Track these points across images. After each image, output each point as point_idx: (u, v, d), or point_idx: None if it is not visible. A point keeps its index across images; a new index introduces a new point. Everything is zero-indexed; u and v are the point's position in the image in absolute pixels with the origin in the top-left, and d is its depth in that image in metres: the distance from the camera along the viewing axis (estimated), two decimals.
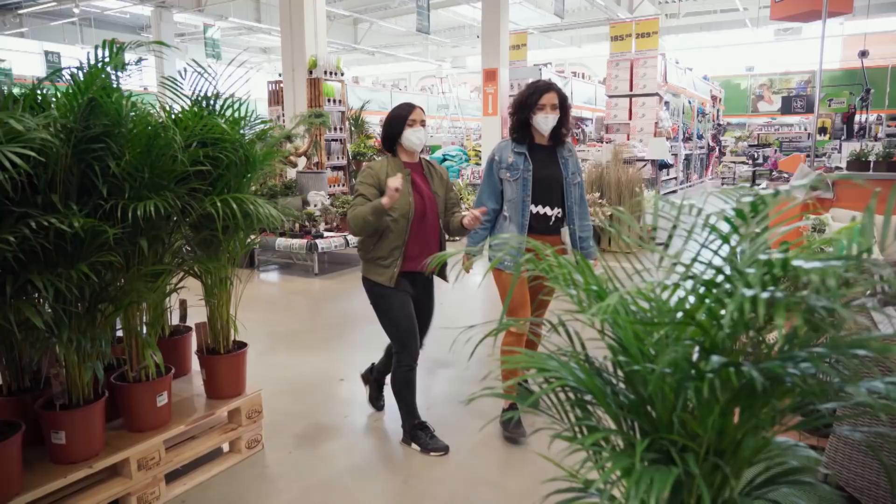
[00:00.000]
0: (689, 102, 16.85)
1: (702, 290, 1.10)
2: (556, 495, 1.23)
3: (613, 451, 1.13)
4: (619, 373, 1.22)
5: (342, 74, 8.51)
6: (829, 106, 12.63)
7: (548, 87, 2.91)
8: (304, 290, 6.18)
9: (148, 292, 2.21)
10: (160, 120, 2.21)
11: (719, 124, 20.05)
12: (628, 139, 13.23)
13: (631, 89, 13.38)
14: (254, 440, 2.82)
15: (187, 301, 3.06)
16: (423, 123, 2.79)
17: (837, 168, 6.03)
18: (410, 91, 19.93)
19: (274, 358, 4.30)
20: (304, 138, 7.41)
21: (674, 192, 15.36)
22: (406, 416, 2.89)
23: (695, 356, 1.11)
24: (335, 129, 8.35)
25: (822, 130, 13.17)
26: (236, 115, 2.46)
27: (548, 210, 2.95)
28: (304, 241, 6.36)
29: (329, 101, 8.28)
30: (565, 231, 3.05)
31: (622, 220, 1.27)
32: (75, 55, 18.36)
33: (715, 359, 1.00)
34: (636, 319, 1.12)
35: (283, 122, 8.26)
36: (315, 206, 6.93)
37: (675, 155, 15.42)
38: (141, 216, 1.92)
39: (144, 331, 2.45)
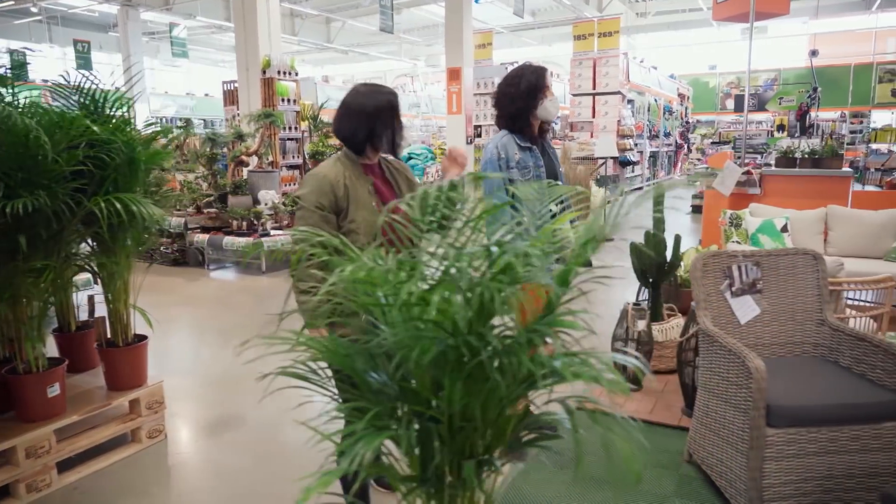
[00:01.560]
0: (656, 100, 17.10)
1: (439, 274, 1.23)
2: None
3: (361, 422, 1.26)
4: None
5: (296, 74, 8.58)
6: (780, 104, 12.89)
7: (544, 68, 2.63)
8: (250, 288, 6.27)
9: (30, 287, 2.31)
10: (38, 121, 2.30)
11: (687, 122, 20.36)
12: (591, 137, 13.44)
13: (594, 88, 13.57)
14: (155, 430, 2.93)
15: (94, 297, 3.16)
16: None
17: (766, 165, 6.22)
18: None
19: (204, 352, 4.40)
20: (254, 138, 7.48)
21: (639, 188, 15.61)
22: None
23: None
24: (289, 128, 8.42)
25: (781, 127, 13.41)
26: (124, 117, 2.56)
27: (553, 206, 2.71)
28: (251, 240, 6.44)
29: (283, 100, 8.35)
30: None
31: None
32: (43, 54, 18.17)
33: (436, 338, 1.13)
34: (377, 302, 1.25)
35: (238, 121, 8.32)
36: (265, 204, 7.02)
37: (641, 152, 15.68)
38: (9, 213, 2.02)
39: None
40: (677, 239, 3.45)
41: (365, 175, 2.07)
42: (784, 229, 4.81)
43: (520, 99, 2.56)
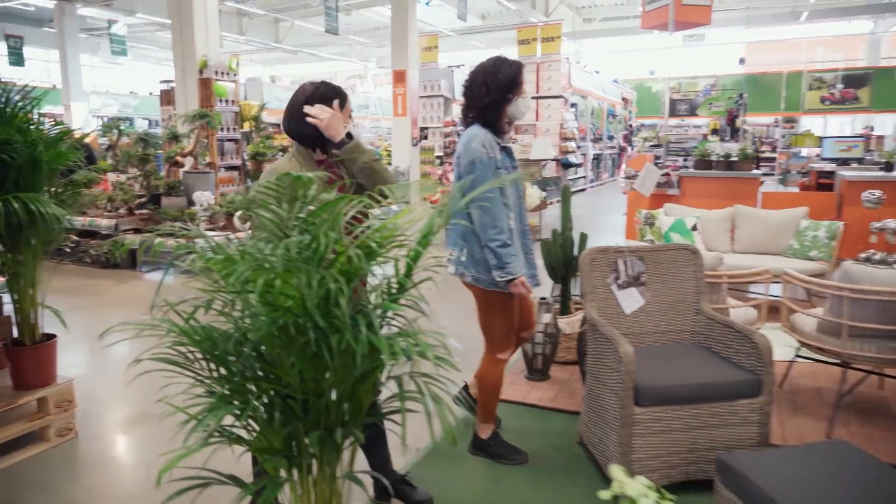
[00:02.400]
0: (599, 104, 17.60)
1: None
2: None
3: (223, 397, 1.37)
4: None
5: (235, 74, 8.54)
6: (710, 109, 13.51)
7: (523, 65, 2.56)
8: (181, 290, 6.22)
9: None
10: None
11: (631, 125, 21.01)
12: (535, 139, 13.75)
13: (538, 91, 13.89)
14: (65, 428, 2.94)
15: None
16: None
17: (684, 167, 6.56)
18: None
19: (124, 351, 4.39)
20: (190, 138, 7.43)
21: (582, 190, 16.06)
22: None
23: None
24: (228, 129, 8.38)
25: (716, 131, 14.04)
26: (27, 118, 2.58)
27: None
28: (182, 241, 6.40)
29: (222, 101, 8.30)
30: None
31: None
32: None
33: (264, 319, 1.25)
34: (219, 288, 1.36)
35: (174, 122, 8.23)
36: (200, 206, 6.98)
37: (584, 155, 16.13)
38: None
39: None
40: (583, 237, 3.66)
41: (319, 169, 2.09)
42: (694, 228, 5.10)
43: (496, 91, 2.44)
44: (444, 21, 18.86)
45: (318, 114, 2.03)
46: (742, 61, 10.50)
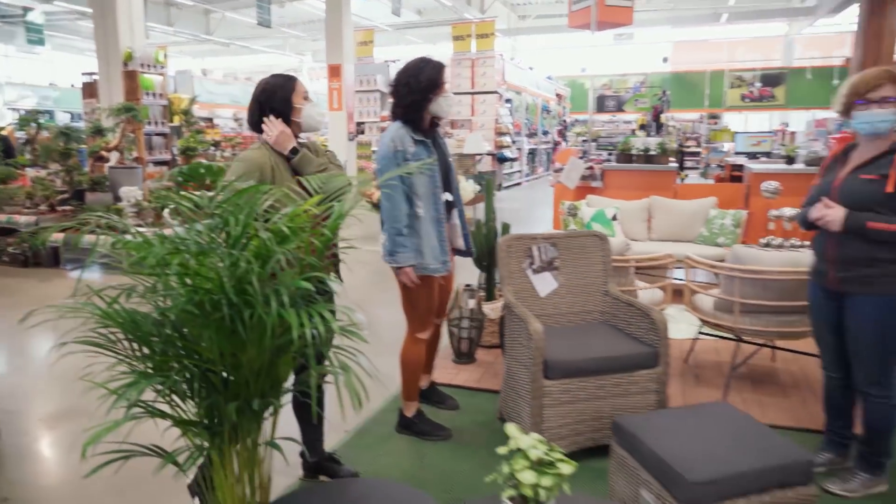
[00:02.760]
0: (533, 100, 18.04)
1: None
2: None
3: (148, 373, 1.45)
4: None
5: (163, 67, 8.34)
6: (636, 105, 14.13)
7: (443, 65, 2.74)
8: (104, 284, 6.08)
9: None
10: None
11: (565, 121, 21.60)
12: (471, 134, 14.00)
13: (473, 87, 14.13)
14: None
15: None
16: (308, 98, 2.35)
17: (607, 161, 6.90)
18: None
19: (42, 348, 4.30)
20: (115, 132, 7.22)
21: (518, 184, 16.45)
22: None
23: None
24: (156, 123, 8.18)
25: (643, 127, 14.66)
26: None
27: (448, 196, 2.81)
28: (109, 238, 6.25)
29: (149, 94, 8.09)
30: None
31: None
32: None
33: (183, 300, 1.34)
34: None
35: (98, 115, 7.97)
36: (128, 202, 6.81)
37: (519, 149, 16.51)
38: None
39: None
40: (505, 227, 3.85)
41: (285, 159, 2.27)
42: (614, 218, 5.41)
43: (417, 91, 2.62)
44: (380, 15, 18.84)
45: (267, 130, 2.24)
46: (665, 60, 11.09)
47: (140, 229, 1.58)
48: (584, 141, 16.04)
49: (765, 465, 1.78)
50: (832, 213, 2.31)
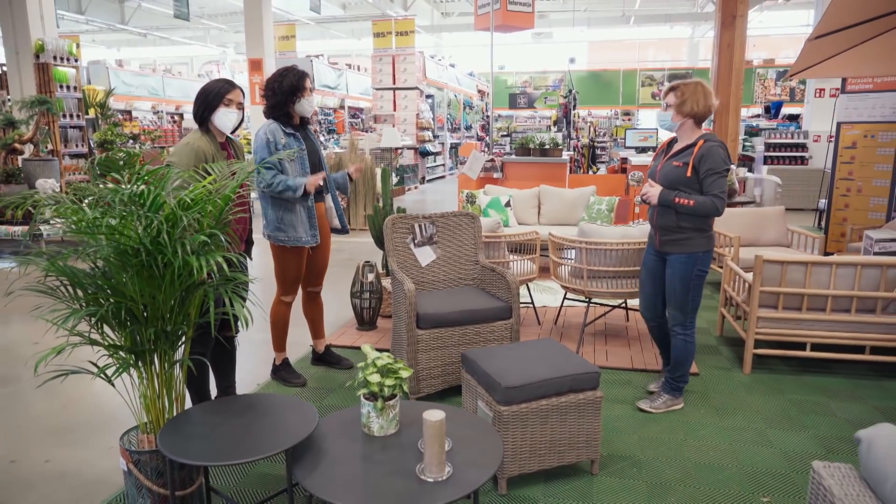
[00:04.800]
0: (455, 96, 18.72)
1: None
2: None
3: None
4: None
5: (77, 60, 8.37)
6: (546, 103, 15.04)
7: (306, 73, 3.21)
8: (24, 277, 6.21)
9: None
10: None
11: (487, 116, 22.42)
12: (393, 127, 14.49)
13: (394, 83, 14.63)
14: None
15: None
16: (239, 106, 2.74)
17: (507, 153, 7.58)
18: (187, 77, 19.26)
19: None
20: (28, 125, 7.27)
21: (442, 177, 17.10)
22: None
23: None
24: (71, 115, 8.23)
25: (556, 123, 15.62)
26: None
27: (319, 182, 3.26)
28: (26, 228, 6.38)
29: (62, 87, 8.13)
30: None
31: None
32: None
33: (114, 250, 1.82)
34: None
35: (9, 108, 7.94)
36: (44, 193, 6.91)
37: (442, 144, 17.16)
38: None
39: None
40: (400, 210, 4.40)
41: (221, 149, 2.71)
42: (508, 204, 6.08)
43: (281, 94, 3.13)
44: (302, 9, 18.96)
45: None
46: (572, 60, 11.99)
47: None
48: (503, 136, 16.88)
49: (563, 374, 2.41)
50: (652, 191, 3.00)
